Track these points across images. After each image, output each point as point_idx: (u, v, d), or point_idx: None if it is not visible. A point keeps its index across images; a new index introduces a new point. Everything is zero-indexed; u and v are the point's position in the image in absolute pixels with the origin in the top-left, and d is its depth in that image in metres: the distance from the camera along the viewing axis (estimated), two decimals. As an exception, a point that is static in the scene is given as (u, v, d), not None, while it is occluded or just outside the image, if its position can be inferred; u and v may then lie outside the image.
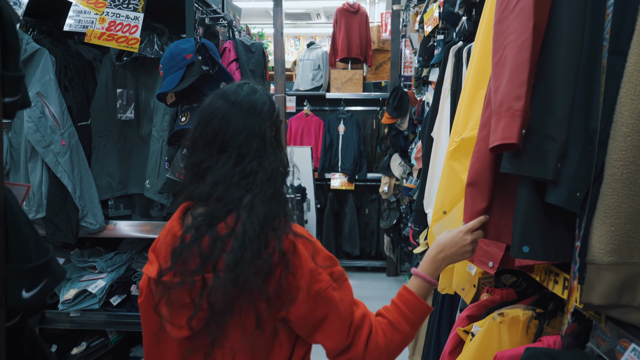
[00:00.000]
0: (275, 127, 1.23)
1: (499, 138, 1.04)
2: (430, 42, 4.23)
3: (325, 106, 6.16)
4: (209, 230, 1.09)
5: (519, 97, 1.03)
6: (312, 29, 9.48)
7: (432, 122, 2.16)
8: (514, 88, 1.03)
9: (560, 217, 1.10)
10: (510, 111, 1.03)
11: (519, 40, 1.04)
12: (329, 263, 1.13)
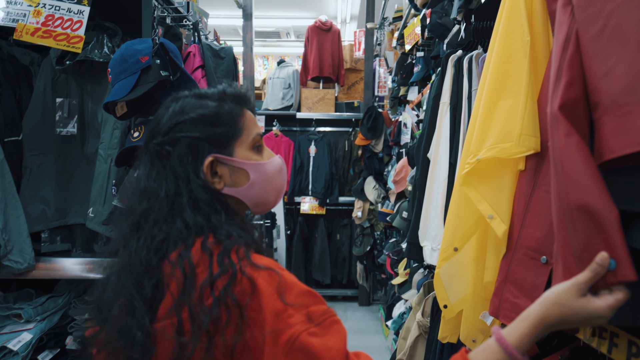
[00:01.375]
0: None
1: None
2: (408, 59, 4.05)
3: (295, 126, 5.88)
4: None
5: None
6: (282, 49, 9.28)
7: (429, 142, 1.89)
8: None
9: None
10: None
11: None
12: (304, 300, 0.81)
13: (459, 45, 1.99)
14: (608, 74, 0.75)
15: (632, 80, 0.71)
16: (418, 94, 3.64)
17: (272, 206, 1.03)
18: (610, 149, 0.74)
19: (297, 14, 7.55)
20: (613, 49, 0.75)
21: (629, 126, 0.71)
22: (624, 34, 0.73)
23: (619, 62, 0.73)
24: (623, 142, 0.72)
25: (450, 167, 1.72)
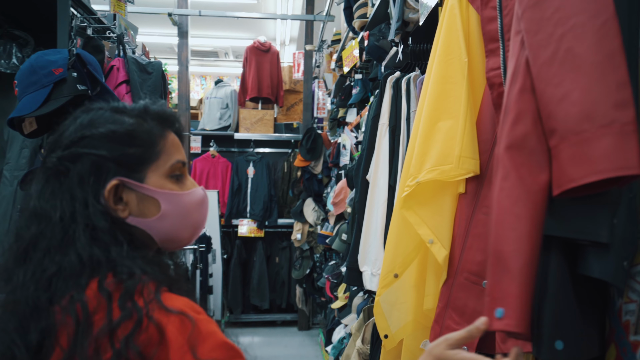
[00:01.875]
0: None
1: (604, 168, 0.66)
2: (347, 82, 4.06)
3: (233, 147, 5.74)
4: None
5: (623, 103, 0.67)
6: (220, 68, 9.13)
7: (368, 163, 1.85)
8: (609, 91, 0.68)
9: (586, 299, 0.79)
10: (616, 126, 0.66)
11: (594, 22, 0.70)
12: (219, 355, 0.70)
13: (397, 67, 1.98)
14: (563, 99, 0.71)
15: (588, 105, 0.68)
16: (357, 115, 3.64)
17: (185, 243, 0.89)
18: (569, 178, 0.70)
19: (235, 34, 7.46)
20: (566, 74, 0.72)
21: (588, 154, 0.68)
22: (576, 59, 0.71)
23: (574, 87, 0.70)
24: (582, 170, 0.68)
25: (389, 189, 1.68)
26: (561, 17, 0.73)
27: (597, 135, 0.67)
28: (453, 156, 1.15)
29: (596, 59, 0.68)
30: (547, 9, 0.75)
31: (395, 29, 1.87)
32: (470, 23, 1.22)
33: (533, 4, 0.78)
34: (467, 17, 1.23)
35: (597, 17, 0.69)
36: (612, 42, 0.68)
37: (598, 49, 0.68)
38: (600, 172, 0.66)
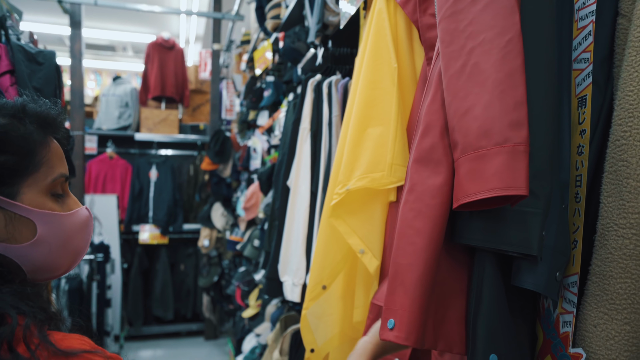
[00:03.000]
0: None
1: (495, 186, 0.67)
2: (258, 83, 3.96)
3: (134, 148, 5.37)
4: None
5: (517, 123, 0.68)
6: (118, 64, 8.55)
7: (288, 169, 1.78)
8: (506, 110, 0.68)
9: (518, 310, 0.79)
10: (509, 145, 0.67)
11: (500, 40, 0.70)
12: None
13: (315, 70, 1.93)
14: (466, 113, 0.72)
15: (487, 122, 0.69)
16: (269, 118, 3.56)
17: (61, 273, 0.75)
18: (465, 193, 0.71)
19: (136, 29, 7.01)
20: (472, 88, 0.72)
21: (482, 170, 0.69)
22: (482, 74, 0.72)
23: (477, 102, 0.71)
24: (476, 186, 0.70)
25: (311, 196, 1.63)
26: (473, 30, 0.74)
27: (492, 152, 0.68)
28: (384, 163, 1.12)
29: (498, 77, 0.70)
30: (462, 21, 0.76)
31: (315, 31, 1.82)
32: (399, 27, 1.20)
33: (449, 14, 0.78)
34: (396, 21, 1.21)
35: (503, 34, 0.71)
36: (514, 61, 0.70)
37: (501, 67, 0.70)
38: (491, 190, 0.68)
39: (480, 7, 0.74)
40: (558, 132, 0.76)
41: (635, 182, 0.66)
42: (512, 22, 0.71)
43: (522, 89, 0.69)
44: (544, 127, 0.71)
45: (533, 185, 0.70)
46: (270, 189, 2.82)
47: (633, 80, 0.68)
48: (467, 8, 0.75)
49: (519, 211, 0.72)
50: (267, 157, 3.35)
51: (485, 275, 0.79)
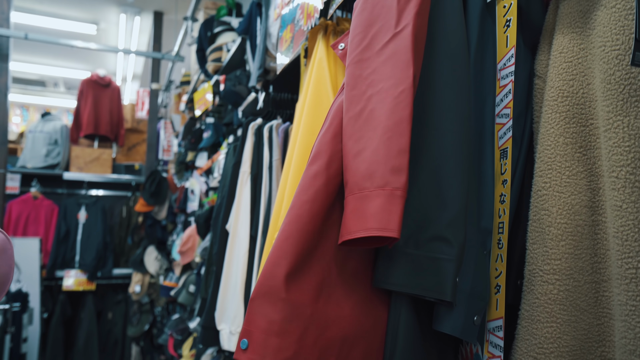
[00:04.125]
0: None
1: (371, 227, 0.71)
2: (198, 124, 3.92)
3: (61, 188, 5.08)
4: None
5: (398, 169, 0.72)
6: (48, 99, 8.19)
7: (227, 212, 1.74)
8: (390, 156, 0.73)
9: (436, 355, 0.81)
10: (388, 188, 0.72)
11: (395, 90, 0.76)
12: None
13: (256, 114, 1.95)
14: (358, 155, 0.77)
15: (373, 165, 0.74)
16: (208, 159, 3.52)
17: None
18: (347, 230, 0.74)
19: (69, 64, 6.79)
20: (365, 132, 0.77)
21: (363, 210, 0.73)
22: (375, 120, 0.77)
23: (367, 146, 0.76)
24: (357, 225, 0.73)
25: (251, 240, 1.60)
26: (374, 79, 0.80)
27: (373, 194, 0.73)
28: (323, 208, 1.12)
29: (388, 124, 0.75)
30: (365, 69, 0.82)
31: (256, 76, 1.85)
32: (338, 76, 1.25)
33: (356, 61, 0.84)
34: (335, 71, 1.25)
35: (397, 85, 0.77)
36: (404, 111, 0.75)
37: (391, 115, 0.75)
38: (368, 230, 0.71)
39: (383, 59, 0.80)
40: (477, 182, 0.81)
41: (557, 230, 0.71)
42: (406, 74, 0.76)
43: (406, 138, 0.74)
44: (459, 177, 0.76)
45: (447, 232, 0.74)
46: (208, 232, 2.75)
47: (550, 136, 0.74)
48: (373, 58, 0.82)
49: (434, 258, 0.75)
50: (206, 199, 3.29)
51: (401, 319, 0.80)
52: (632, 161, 0.63)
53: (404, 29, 0.80)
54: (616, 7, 0.67)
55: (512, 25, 0.83)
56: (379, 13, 0.84)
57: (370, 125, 0.77)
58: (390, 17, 0.82)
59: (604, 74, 0.68)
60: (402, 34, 0.79)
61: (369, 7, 0.87)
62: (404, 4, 0.82)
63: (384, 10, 0.83)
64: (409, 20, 0.80)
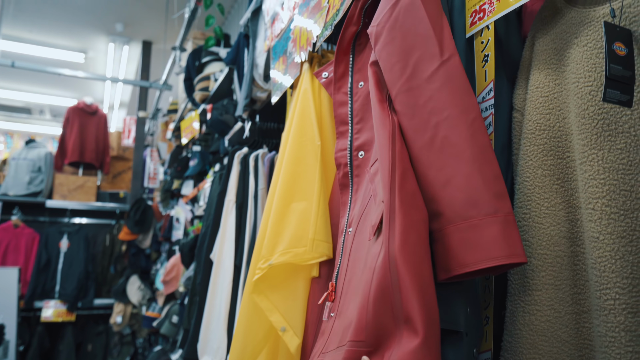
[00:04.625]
0: None
1: (497, 255, 0.68)
2: (184, 153, 3.92)
3: (44, 216, 5.00)
4: None
5: (502, 194, 0.71)
6: (33, 127, 8.13)
7: (212, 241, 1.73)
8: (489, 182, 0.71)
9: None
10: (500, 215, 0.69)
11: (466, 117, 0.75)
12: None
13: (242, 142, 1.96)
14: (447, 184, 0.74)
15: (473, 193, 0.72)
16: (194, 188, 3.50)
17: None
18: (461, 263, 0.71)
19: (55, 92, 6.79)
20: (447, 160, 0.75)
21: (479, 240, 0.70)
22: (454, 147, 0.75)
23: (456, 174, 0.74)
24: (476, 256, 0.70)
25: (235, 270, 1.58)
26: (435, 107, 0.78)
27: (485, 222, 0.70)
28: (307, 239, 1.12)
29: (473, 151, 0.73)
30: (420, 97, 0.80)
31: (243, 105, 1.87)
32: (323, 106, 1.27)
33: (405, 89, 0.83)
34: (320, 101, 1.27)
35: (467, 113, 0.76)
36: (484, 137, 0.75)
37: (473, 142, 0.74)
38: (495, 259, 0.68)
39: (436, 86, 0.78)
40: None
41: (537, 260, 0.71)
42: (472, 102, 0.76)
43: (497, 164, 0.73)
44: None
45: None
46: (192, 262, 2.71)
47: (529, 168, 0.75)
48: (424, 85, 0.80)
49: (447, 287, 0.74)
50: (191, 228, 3.25)
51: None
52: (607, 193, 0.64)
53: (450, 57, 0.80)
54: (587, 45, 0.70)
55: (490, 60, 0.85)
56: (414, 42, 0.84)
57: (449, 152, 0.75)
58: (431, 45, 0.81)
59: (578, 108, 0.70)
60: (451, 61, 0.79)
61: (399, 36, 0.86)
62: (439, 32, 0.82)
63: (419, 39, 0.83)
64: (452, 50, 0.80)
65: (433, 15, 0.83)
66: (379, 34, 0.91)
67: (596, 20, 0.70)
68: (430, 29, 0.81)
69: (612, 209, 0.63)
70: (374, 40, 0.92)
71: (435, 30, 0.81)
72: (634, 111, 0.63)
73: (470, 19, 0.88)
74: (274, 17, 1.70)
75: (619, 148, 0.64)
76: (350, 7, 1.12)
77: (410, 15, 0.84)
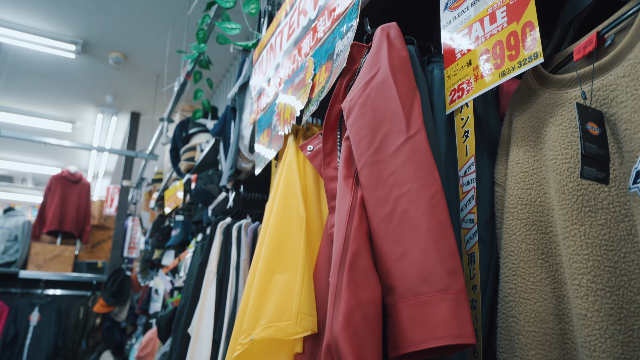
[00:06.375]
0: None
1: (444, 334, 0.66)
2: (166, 222, 3.87)
3: (15, 287, 4.80)
4: None
5: (456, 271, 0.69)
6: (13, 195, 8.02)
7: (190, 315, 1.66)
8: (443, 258, 0.70)
9: None
10: (451, 292, 0.68)
11: (427, 192, 0.75)
12: None
13: (226, 212, 1.94)
14: (401, 258, 0.74)
15: (427, 268, 0.71)
16: (175, 258, 3.42)
17: None
18: (409, 341, 0.69)
19: (40, 160, 6.77)
20: (404, 234, 0.75)
21: (427, 318, 0.68)
22: (412, 221, 0.75)
23: (412, 248, 0.73)
24: (423, 334, 0.68)
25: (214, 345, 1.51)
26: (397, 180, 0.80)
27: (435, 299, 0.68)
28: (290, 312, 1.08)
29: (430, 225, 0.73)
30: (384, 170, 0.82)
31: (228, 176, 1.87)
32: (307, 178, 1.28)
33: (371, 162, 0.85)
34: (305, 172, 1.28)
35: (428, 187, 0.77)
36: (442, 212, 0.75)
37: (431, 217, 0.74)
38: (441, 338, 0.66)
39: (401, 160, 0.80)
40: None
41: (525, 338, 0.70)
42: (434, 177, 0.77)
43: (453, 239, 0.73)
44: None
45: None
46: (169, 336, 2.59)
47: (513, 242, 0.76)
48: (388, 159, 0.82)
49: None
50: (170, 300, 3.14)
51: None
52: (591, 269, 0.64)
53: (416, 133, 0.81)
54: (562, 124, 0.73)
55: (470, 135, 0.88)
56: (383, 117, 0.86)
57: (406, 226, 0.75)
58: (398, 121, 0.83)
59: (557, 184, 0.71)
60: (416, 137, 0.81)
61: (370, 111, 0.89)
62: (409, 110, 0.85)
63: (388, 114, 0.85)
64: (419, 126, 0.82)
65: (404, 92, 0.87)
66: (351, 108, 0.95)
67: (569, 101, 0.73)
68: (399, 105, 0.85)
69: (597, 285, 0.63)
70: (346, 114, 0.96)
71: (404, 107, 0.85)
72: (611, 188, 0.65)
73: (450, 97, 0.92)
74: (260, 92, 1.75)
75: (600, 224, 0.65)
76: (335, 84, 1.16)
77: (382, 92, 0.88)
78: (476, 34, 0.87)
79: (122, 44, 4.12)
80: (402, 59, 0.94)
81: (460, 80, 0.90)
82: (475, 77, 0.86)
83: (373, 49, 1.01)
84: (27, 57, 4.29)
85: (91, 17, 3.79)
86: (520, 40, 0.76)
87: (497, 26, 0.82)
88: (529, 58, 0.74)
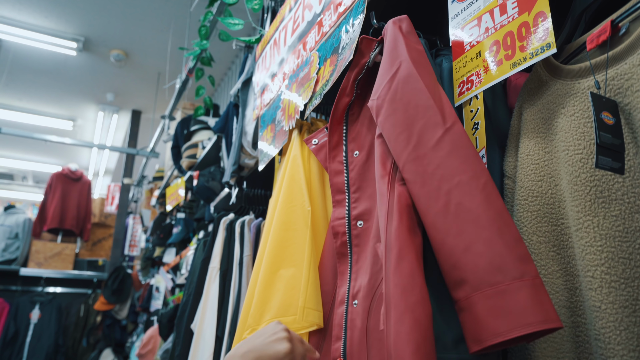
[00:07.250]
0: None
1: (531, 321, 0.64)
2: (168, 220, 3.86)
3: (16, 285, 4.80)
4: None
5: (526, 257, 0.68)
6: (14, 193, 8.01)
7: (193, 311, 1.65)
8: (511, 245, 0.69)
9: None
10: (527, 278, 0.66)
11: (477, 182, 0.74)
12: None
13: (229, 209, 1.94)
14: (468, 250, 0.72)
15: (496, 257, 0.69)
16: (176, 255, 3.42)
17: None
18: (493, 332, 0.67)
19: (41, 158, 6.76)
20: (465, 226, 0.73)
21: (508, 306, 0.66)
22: (470, 212, 0.73)
23: (476, 240, 0.72)
24: (507, 323, 0.66)
25: (217, 341, 1.50)
26: (444, 174, 0.78)
27: (513, 287, 0.66)
28: (296, 307, 1.08)
29: (490, 215, 0.71)
30: (428, 165, 0.80)
31: (230, 172, 1.86)
32: (312, 172, 1.27)
33: (413, 158, 0.83)
34: (309, 167, 1.27)
35: (477, 178, 0.75)
36: (498, 201, 0.73)
37: (488, 207, 0.72)
38: (529, 325, 0.64)
39: (443, 153, 0.78)
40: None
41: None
42: (481, 167, 0.76)
43: (515, 226, 0.71)
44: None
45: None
46: (171, 333, 2.58)
47: (524, 234, 0.75)
48: (430, 153, 0.80)
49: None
50: (171, 297, 3.14)
51: None
52: (605, 260, 0.63)
53: (454, 124, 0.80)
54: (575, 115, 0.72)
55: (480, 127, 0.87)
56: (416, 112, 0.85)
57: (465, 218, 0.73)
58: (433, 114, 0.82)
59: (569, 175, 0.70)
60: (454, 128, 0.80)
61: (401, 107, 0.88)
62: (439, 101, 0.84)
63: (420, 108, 0.84)
64: (454, 117, 0.82)
65: (430, 85, 0.86)
66: (379, 106, 0.92)
67: (581, 91, 0.72)
68: (430, 98, 0.83)
69: (612, 277, 0.62)
70: (375, 113, 0.93)
71: (435, 100, 0.83)
72: (626, 179, 0.64)
73: (459, 89, 0.91)
74: (264, 88, 1.74)
75: (614, 215, 0.64)
76: (341, 77, 1.16)
77: (409, 87, 0.87)
78: (486, 25, 0.86)
79: (124, 42, 4.11)
80: (419, 51, 0.93)
81: (470, 72, 0.89)
82: (485, 68, 0.85)
83: (388, 43, 1.00)
84: (28, 54, 4.28)
85: (92, 15, 3.78)
86: (531, 31, 0.75)
87: (507, 17, 0.81)
88: (541, 49, 0.73)
